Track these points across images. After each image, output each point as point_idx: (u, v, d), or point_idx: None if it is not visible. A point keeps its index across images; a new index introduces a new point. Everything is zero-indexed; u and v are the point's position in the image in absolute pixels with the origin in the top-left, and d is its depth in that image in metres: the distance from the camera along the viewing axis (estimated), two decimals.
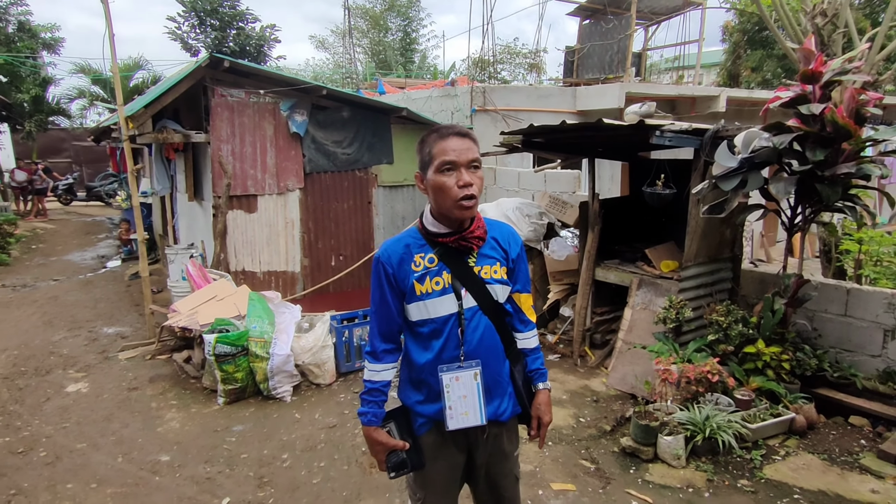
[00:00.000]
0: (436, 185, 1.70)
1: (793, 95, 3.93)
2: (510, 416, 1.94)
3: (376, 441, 1.86)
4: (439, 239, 1.78)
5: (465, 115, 7.90)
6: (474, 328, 1.80)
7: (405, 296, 1.80)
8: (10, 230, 11.05)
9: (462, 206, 1.69)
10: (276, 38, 18.70)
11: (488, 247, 1.84)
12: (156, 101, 5.92)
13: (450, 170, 1.69)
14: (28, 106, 15.49)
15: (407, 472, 1.89)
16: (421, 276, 1.77)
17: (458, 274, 1.78)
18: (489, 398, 1.86)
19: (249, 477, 3.52)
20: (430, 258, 1.78)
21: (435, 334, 1.80)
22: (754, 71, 18.83)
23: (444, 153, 1.69)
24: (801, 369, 4.01)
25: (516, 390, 1.94)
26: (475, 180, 1.70)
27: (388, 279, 1.80)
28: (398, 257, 1.80)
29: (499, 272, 1.84)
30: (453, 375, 1.79)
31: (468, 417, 1.81)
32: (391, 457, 1.87)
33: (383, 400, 1.90)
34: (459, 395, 1.80)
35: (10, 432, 4.11)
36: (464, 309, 1.79)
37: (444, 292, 1.78)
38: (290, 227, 6.88)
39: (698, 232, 4.34)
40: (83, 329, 6.45)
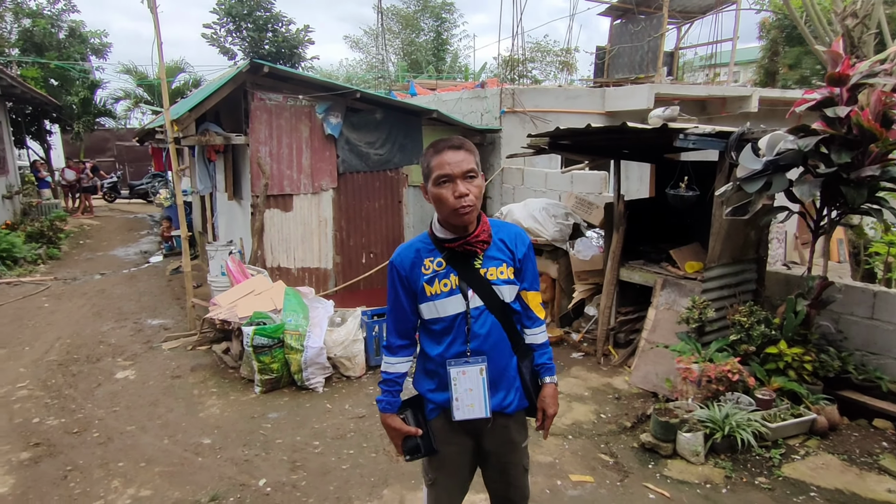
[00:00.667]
0: (435, 196, 1.84)
1: (819, 98, 3.95)
2: (517, 409, 2.04)
3: (391, 427, 2.03)
4: (446, 244, 1.91)
5: (494, 116, 8.03)
6: (480, 326, 1.92)
7: (417, 296, 1.95)
8: (60, 226, 11.66)
9: (460, 213, 1.81)
10: (309, 40, 19.14)
11: (495, 248, 1.95)
12: (199, 105, 6.23)
13: (446, 182, 1.81)
14: (77, 108, 16.27)
15: (420, 456, 2.05)
16: (430, 278, 1.92)
17: (465, 276, 1.91)
18: (494, 391, 1.97)
19: (283, 461, 3.74)
20: (438, 262, 1.92)
21: (445, 331, 1.94)
22: (792, 68, 18.39)
23: (440, 167, 1.81)
24: (824, 371, 4.02)
25: (524, 384, 2.04)
26: (471, 189, 1.81)
27: (402, 281, 1.96)
28: (410, 261, 1.95)
29: (505, 273, 1.94)
30: (460, 370, 1.92)
31: (473, 409, 1.94)
32: (406, 442, 2.03)
33: (398, 390, 2.06)
34: (466, 388, 1.93)
35: (65, 414, 4.44)
36: (470, 308, 1.91)
37: (451, 293, 1.91)
38: (324, 226, 7.14)
39: (722, 233, 4.39)
40: (129, 320, 6.83)
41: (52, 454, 3.85)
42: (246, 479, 3.52)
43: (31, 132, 16.12)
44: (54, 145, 18.36)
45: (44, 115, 15.98)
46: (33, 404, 4.61)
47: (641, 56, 10.39)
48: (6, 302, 7.52)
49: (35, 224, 10.99)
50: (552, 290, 6.09)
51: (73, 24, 16.14)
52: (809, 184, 3.82)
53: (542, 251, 6.04)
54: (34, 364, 5.44)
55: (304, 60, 19.77)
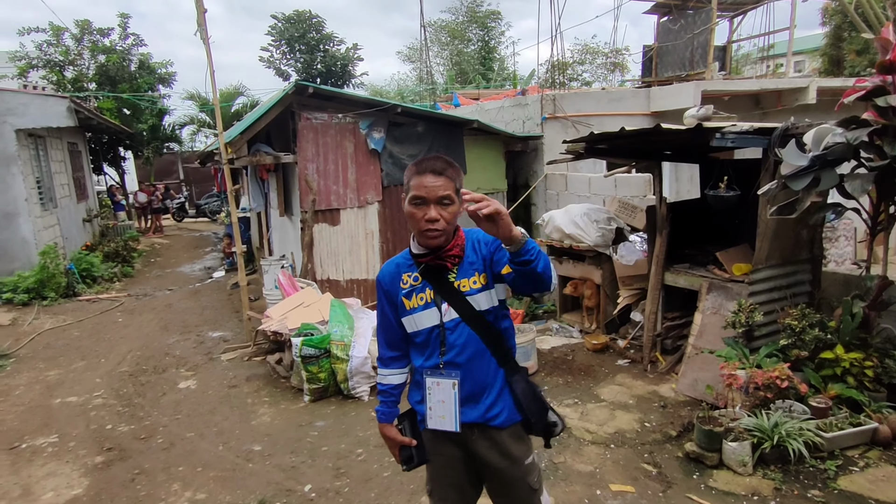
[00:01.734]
0: (408, 214, 1.88)
1: (870, 87, 3.75)
2: (507, 422, 1.99)
3: (387, 437, 2.11)
4: (420, 259, 1.95)
5: (536, 122, 8.02)
6: (456, 338, 1.94)
7: (399, 310, 2.01)
8: (133, 246, 12.52)
9: (427, 236, 1.85)
10: (358, 57, 19.70)
11: (468, 260, 1.95)
12: (250, 127, 6.58)
13: (420, 204, 1.83)
14: (147, 135, 17.42)
15: (415, 466, 2.10)
16: (408, 292, 1.98)
17: (440, 289, 1.94)
18: (473, 404, 1.96)
19: (328, 468, 3.88)
20: (415, 276, 1.97)
21: (424, 344, 1.99)
22: (860, 54, 17.28)
23: (417, 188, 1.83)
24: (888, 377, 3.78)
25: (515, 399, 2.00)
26: (443, 215, 1.83)
27: (385, 295, 2.04)
28: (390, 276, 2.02)
29: (478, 282, 1.93)
30: (435, 381, 1.96)
31: (444, 421, 1.97)
32: (402, 451, 2.10)
33: (394, 401, 2.13)
34: (439, 399, 1.96)
35: (134, 421, 4.78)
36: (445, 321, 1.94)
37: (427, 307, 1.95)
38: (370, 238, 7.34)
39: (769, 234, 4.21)
40: (192, 333, 7.25)
41: (122, 458, 4.16)
42: (292, 485, 3.68)
43: (108, 159, 17.39)
44: (128, 170, 19.72)
45: (118, 143, 17.22)
46: (107, 412, 4.98)
47: (691, 52, 10.08)
48: (86, 317, 8.15)
49: (111, 244, 11.84)
50: (597, 296, 6.00)
51: (142, 57, 17.34)
52: (862, 178, 3.62)
53: (585, 257, 5.97)
54: (108, 375, 5.88)
55: (354, 77, 20.38)
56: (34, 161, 9.84)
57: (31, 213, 9.23)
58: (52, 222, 10.30)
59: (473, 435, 2.00)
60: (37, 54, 15.97)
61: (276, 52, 19.90)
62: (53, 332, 7.45)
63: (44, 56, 16.01)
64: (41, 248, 9.11)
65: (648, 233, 5.31)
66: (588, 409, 4.46)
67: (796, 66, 27.69)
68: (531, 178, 8.12)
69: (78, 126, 11.44)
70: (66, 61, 16.20)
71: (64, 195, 11.51)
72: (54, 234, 10.24)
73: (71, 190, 12.19)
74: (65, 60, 16.17)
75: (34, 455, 4.26)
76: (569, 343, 5.99)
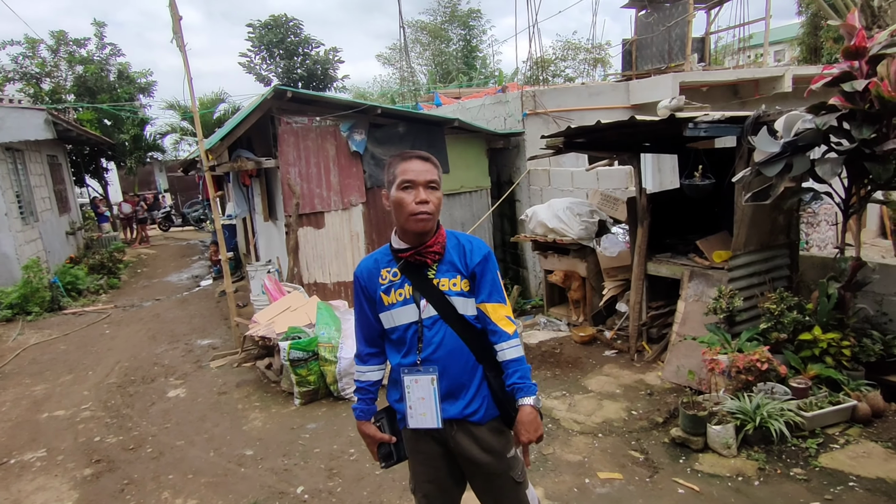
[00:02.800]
0: (396, 200, 1.89)
1: (837, 73, 3.82)
2: (485, 418, 1.99)
3: (365, 434, 2.11)
4: (400, 254, 1.96)
5: (517, 119, 8.07)
6: (433, 335, 1.94)
7: (376, 305, 2.01)
8: (119, 257, 12.41)
9: (417, 219, 1.87)
10: (339, 60, 19.67)
11: (448, 260, 1.96)
12: (230, 133, 6.56)
13: (409, 188, 1.87)
14: (129, 145, 17.27)
15: (394, 463, 2.11)
16: (386, 288, 1.98)
17: (418, 286, 1.95)
18: (453, 399, 1.97)
19: (321, 469, 3.89)
20: (394, 272, 1.98)
21: (400, 341, 1.99)
22: (837, 42, 17.52)
23: (405, 173, 1.88)
24: (865, 355, 3.86)
25: (492, 393, 2.00)
26: (432, 199, 1.88)
27: (363, 291, 2.04)
28: (368, 272, 2.03)
29: (458, 285, 1.95)
30: (413, 378, 1.96)
31: (426, 419, 1.96)
32: (381, 448, 2.11)
33: (372, 398, 2.13)
34: (418, 396, 1.96)
35: (122, 432, 4.75)
36: (423, 318, 1.94)
37: (405, 303, 1.96)
38: (356, 240, 7.34)
39: (746, 220, 4.29)
40: (181, 342, 7.21)
41: (111, 469, 4.14)
42: (285, 488, 3.69)
43: (90, 171, 17.22)
44: (111, 181, 19.54)
45: (100, 154, 17.06)
46: (95, 424, 4.95)
47: (670, 45, 10.19)
48: (72, 331, 8.07)
49: (96, 257, 11.73)
50: (582, 288, 6.06)
51: (121, 67, 17.19)
52: (832, 162, 3.70)
53: (569, 250, 6.03)
54: (96, 387, 5.84)
55: (336, 81, 20.33)
56: (13, 175, 9.72)
57: (11, 227, 9.12)
58: (34, 236, 10.19)
59: (453, 431, 2.00)
60: (13, 67, 15.79)
61: (256, 58, 19.83)
62: (39, 347, 7.37)
63: (20, 69, 15.83)
64: (23, 263, 9.01)
65: (630, 224, 5.38)
66: (576, 400, 4.51)
67: (776, 56, 28.01)
68: (514, 175, 8.17)
69: (57, 138, 11.32)
70: (43, 73, 16.03)
71: (45, 209, 11.39)
72: (36, 248, 10.13)
73: (52, 203, 12.07)
74: (41, 72, 16.00)
75: (23, 470, 4.22)
76: (556, 336, 6.04)
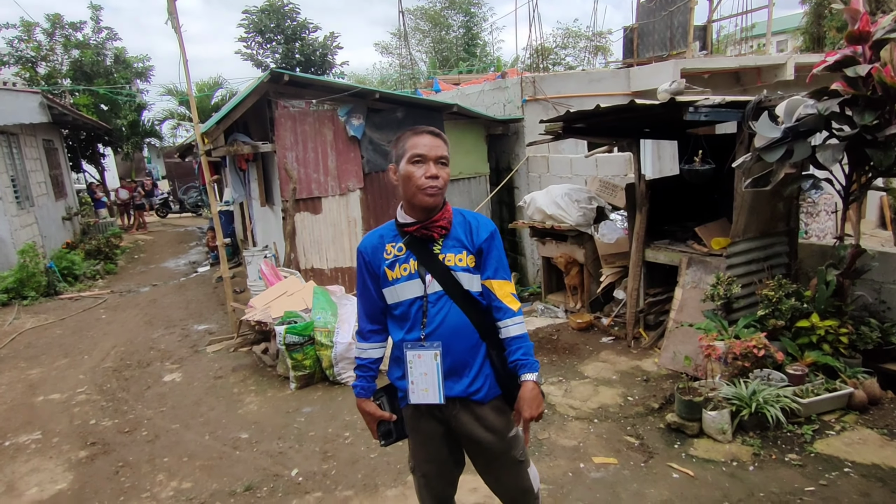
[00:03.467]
0: (406, 174, 1.89)
1: (839, 58, 3.77)
2: (488, 397, 1.99)
3: (365, 411, 2.10)
4: (406, 228, 1.95)
5: (517, 105, 8.00)
6: (437, 311, 1.93)
7: (380, 280, 1.99)
8: (116, 243, 12.37)
9: (426, 193, 1.87)
10: (338, 45, 19.50)
11: (454, 236, 1.96)
12: (226, 116, 6.50)
13: (419, 162, 1.87)
14: (126, 130, 17.16)
15: (393, 441, 2.10)
16: (391, 263, 1.96)
17: (424, 261, 1.94)
18: (457, 377, 1.96)
19: (315, 452, 3.89)
20: (399, 247, 1.97)
21: (404, 316, 1.98)
22: (840, 31, 17.39)
23: (415, 147, 1.88)
24: (863, 343, 3.85)
25: (494, 371, 2.00)
26: (442, 174, 1.89)
27: (366, 266, 2.02)
28: (372, 247, 2.01)
29: (464, 260, 1.94)
30: (416, 353, 1.94)
31: (428, 394, 1.95)
32: (380, 426, 2.10)
33: (372, 375, 2.12)
34: (421, 372, 1.95)
35: (118, 415, 4.74)
36: (428, 293, 1.93)
37: (410, 277, 1.94)
38: (353, 225, 7.31)
39: (745, 207, 4.25)
40: (177, 327, 7.19)
41: (105, 452, 4.13)
42: (279, 470, 3.68)
43: (87, 156, 17.11)
44: (108, 167, 19.43)
45: (97, 140, 16.95)
46: (90, 407, 4.94)
47: (672, 32, 10.09)
48: (68, 315, 8.05)
49: (93, 242, 11.68)
50: (580, 275, 6.04)
51: (117, 51, 17.03)
52: (833, 148, 3.66)
53: (567, 237, 6.00)
54: (92, 371, 5.83)
55: (334, 66, 20.17)
56: (7, 159, 9.64)
57: (6, 212, 9.07)
58: (30, 221, 10.14)
59: (455, 409, 1.99)
60: (8, 51, 15.63)
61: (252, 44, 19.65)
62: (35, 332, 7.35)
63: (15, 52, 15.67)
64: (19, 247, 8.97)
65: (629, 211, 5.34)
66: (572, 386, 4.51)
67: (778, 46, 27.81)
68: (513, 162, 8.12)
69: (53, 122, 11.23)
70: (39, 57, 15.88)
71: (41, 193, 11.32)
72: (32, 232, 10.08)
73: (48, 188, 11.99)
74: (37, 56, 15.85)
75: (17, 452, 4.22)
76: (554, 323, 6.03)
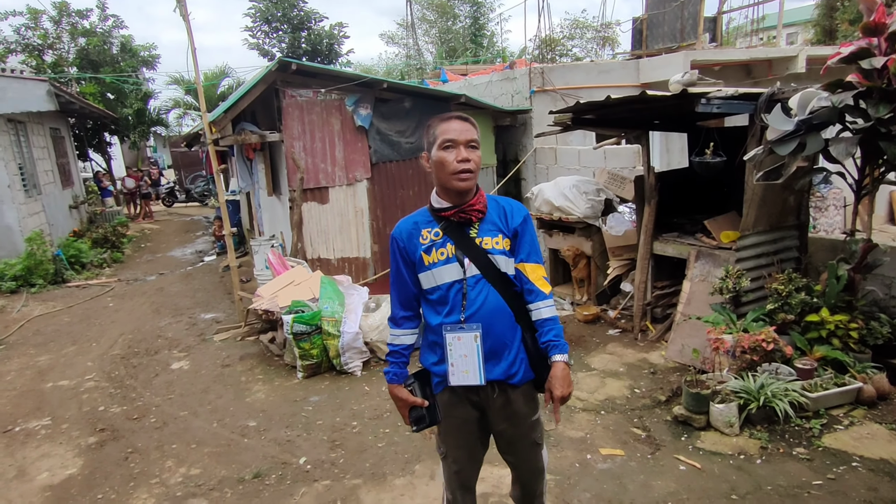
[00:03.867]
0: (438, 160, 1.92)
1: (854, 50, 3.73)
2: (522, 381, 2.04)
3: (398, 397, 2.10)
4: (442, 213, 1.98)
5: (525, 96, 7.96)
6: (476, 294, 1.96)
7: (415, 266, 2.02)
8: (123, 231, 12.41)
9: (459, 177, 1.90)
10: (344, 35, 19.40)
11: (489, 220, 2.00)
12: (234, 105, 6.49)
13: (450, 147, 1.90)
14: (132, 119, 17.15)
15: (425, 426, 2.11)
16: (427, 247, 1.99)
17: (461, 245, 1.96)
18: (496, 361, 1.98)
19: (323, 440, 3.91)
20: (435, 232, 1.99)
21: (442, 300, 1.99)
22: (853, 24, 17.19)
23: (445, 133, 1.91)
24: (873, 338, 3.83)
25: (529, 356, 2.04)
26: (473, 157, 1.91)
27: (401, 252, 2.04)
28: (407, 233, 2.03)
29: (500, 243, 1.98)
30: (455, 335, 1.96)
31: (468, 376, 1.98)
32: (413, 412, 2.10)
33: (404, 361, 2.13)
34: (460, 353, 1.97)
35: (126, 402, 4.78)
36: (467, 277, 1.96)
37: (448, 262, 1.97)
38: (360, 216, 7.30)
39: (756, 200, 4.23)
40: (184, 315, 7.23)
41: (115, 438, 4.17)
42: (287, 458, 3.71)
43: (93, 145, 17.13)
44: (114, 156, 19.45)
45: (103, 128, 16.95)
46: (99, 394, 4.98)
47: (682, 23, 10.00)
48: (76, 303, 8.10)
49: (100, 231, 11.72)
50: (587, 267, 6.03)
51: (124, 40, 17.00)
52: (846, 141, 3.62)
53: (574, 228, 5.98)
54: (100, 358, 5.87)
55: (341, 56, 20.08)
56: (15, 147, 9.66)
57: (14, 199, 9.10)
58: (37, 209, 10.18)
59: (494, 393, 2.02)
60: (15, 38, 15.62)
61: (259, 33, 19.57)
62: (43, 319, 7.40)
63: (22, 40, 15.66)
64: (27, 235, 9.00)
65: (637, 203, 5.32)
66: (579, 377, 4.51)
67: (788, 38, 27.51)
68: (520, 153, 8.09)
69: (60, 111, 11.24)
70: (45, 45, 15.87)
71: (48, 182, 11.35)
72: (40, 220, 10.12)
73: (55, 176, 12.02)
74: (44, 44, 15.84)
75: (28, 437, 4.26)
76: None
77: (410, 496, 3.19)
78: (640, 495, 3.02)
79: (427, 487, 3.25)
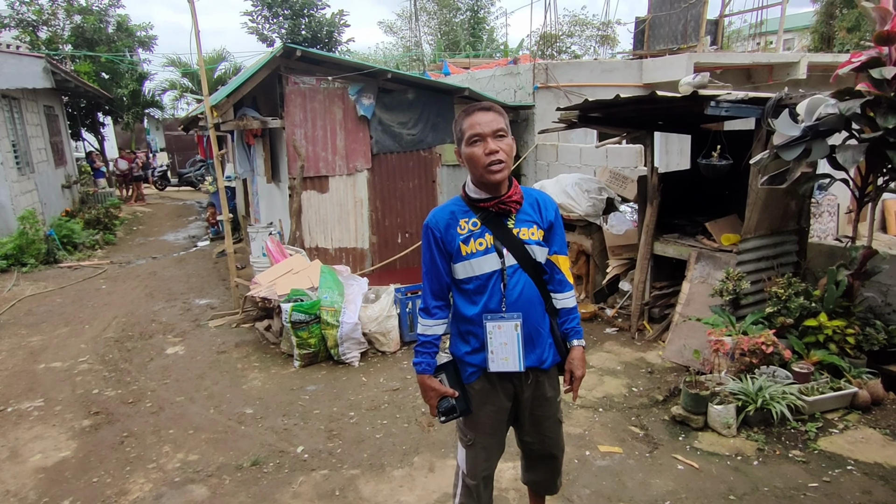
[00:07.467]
0: (468, 155, 1.94)
1: (865, 59, 3.75)
2: (551, 365, 2.15)
3: (429, 387, 2.11)
4: (481, 204, 2.00)
5: (528, 92, 7.94)
6: (515, 283, 2.01)
7: (452, 256, 2.04)
8: (115, 213, 12.27)
9: (491, 170, 1.91)
10: (345, 23, 19.25)
11: (524, 211, 2.04)
12: (236, 90, 6.42)
13: (478, 141, 1.91)
14: (127, 100, 16.93)
15: (455, 417, 2.12)
16: (466, 238, 2.00)
17: (499, 235, 2.00)
18: (531, 347, 2.07)
19: (321, 430, 3.91)
20: (473, 222, 2.01)
21: (479, 290, 2.03)
22: (850, 31, 17.32)
23: (471, 127, 1.92)
24: (868, 344, 3.88)
25: (555, 341, 2.14)
26: (501, 146, 1.92)
27: (437, 242, 2.04)
28: (445, 223, 2.03)
29: (536, 234, 2.03)
30: (496, 324, 2.01)
31: (507, 363, 2.04)
32: (442, 403, 2.11)
33: (435, 351, 2.14)
34: (501, 341, 2.02)
35: (121, 386, 4.74)
36: (506, 266, 2.00)
37: (487, 252, 1.99)
38: (359, 206, 7.27)
39: (759, 204, 4.25)
40: (178, 300, 7.17)
41: (109, 422, 4.14)
42: (285, 447, 3.70)
43: (86, 125, 16.90)
44: (107, 137, 19.21)
45: (97, 108, 16.73)
46: (93, 377, 4.94)
47: (684, 25, 10.01)
48: (68, 284, 8.01)
49: (92, 212, 11.59)
50: (586, 265, 6.05)
51: (120, 19, 16.75)
52: (853, 149, 3.65)
53: (575, 226, 5.99)
54: (93, 341, 5.81)
55: (341, 44, 19.94)
56: (8, 124, 9.51)
57: (7, 177, 8.97)
58: (30, 187, 10.04)
59: (528, 379, 2.10)
60: (9, 13, 15.34)
61: (259, 18, 19.37)
62: (34, 299, 7.32)
63: (16, 15, 15.38)
64: (19, 214, 8.88)
65: (639, 203, 5.34)
66: None
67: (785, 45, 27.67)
68: (522, 149, 8.08)
69: (54, 88, 11.07)
70: (40, 21, 15.60)
71: (41, 160, 11.19)
72: (32, 199, 9.98)
73: (48, 155, 11.85)
74: (38, 20, 15.57)
75: (20, 419, 4.22)
76: None
77: (409, 487, 3.19)
78: (638, 493, 3.04)
79: (426, 479, 3.26)
